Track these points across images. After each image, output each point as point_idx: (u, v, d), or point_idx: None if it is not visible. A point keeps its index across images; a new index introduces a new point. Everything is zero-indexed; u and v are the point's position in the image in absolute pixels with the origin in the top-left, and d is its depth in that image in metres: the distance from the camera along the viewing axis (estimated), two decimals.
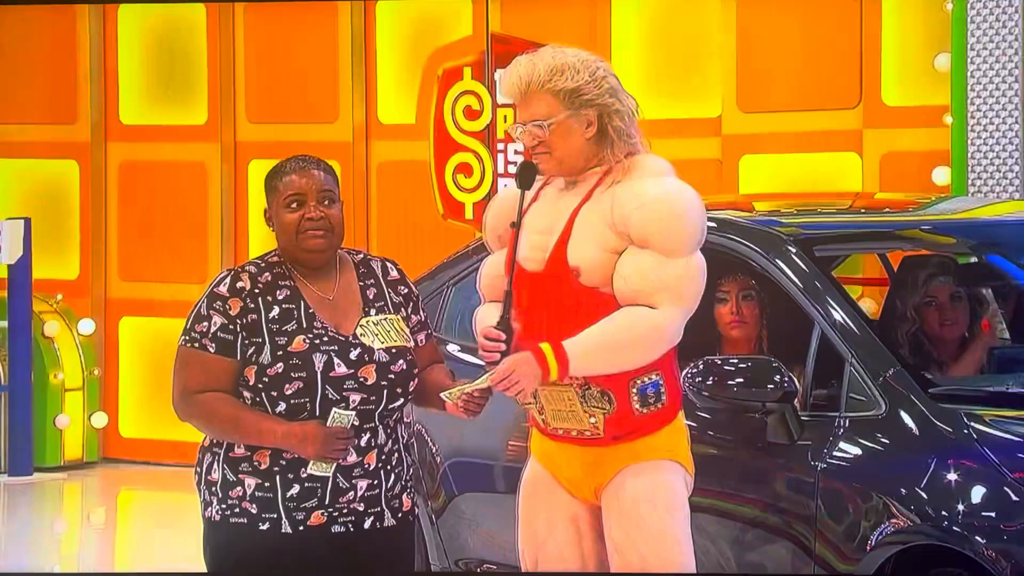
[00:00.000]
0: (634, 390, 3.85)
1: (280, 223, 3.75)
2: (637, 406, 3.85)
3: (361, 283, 3.80)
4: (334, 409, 3.69)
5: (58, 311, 9.10)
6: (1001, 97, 7.13)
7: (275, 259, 3.78)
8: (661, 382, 3.88)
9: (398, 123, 8.70)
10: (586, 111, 3.86)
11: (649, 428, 3.88)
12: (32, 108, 9.39)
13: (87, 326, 9.11)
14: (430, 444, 5.37)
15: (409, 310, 3.84)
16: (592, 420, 3.85)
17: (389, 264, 3.88)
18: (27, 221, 8.78)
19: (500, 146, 8.28)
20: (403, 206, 8.71)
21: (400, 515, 3.79)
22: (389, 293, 3.82)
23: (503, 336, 3.81)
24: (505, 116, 8.26)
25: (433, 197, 8.46)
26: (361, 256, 3.86)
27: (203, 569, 3.79)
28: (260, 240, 8.92)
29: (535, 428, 3.99)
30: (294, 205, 3.75)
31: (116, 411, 9.21)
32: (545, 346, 3.79)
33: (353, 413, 3.70)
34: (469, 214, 8.36)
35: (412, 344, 3.80)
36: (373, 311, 3.77)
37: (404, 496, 3.80)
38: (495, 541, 5.19)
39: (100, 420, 9.09)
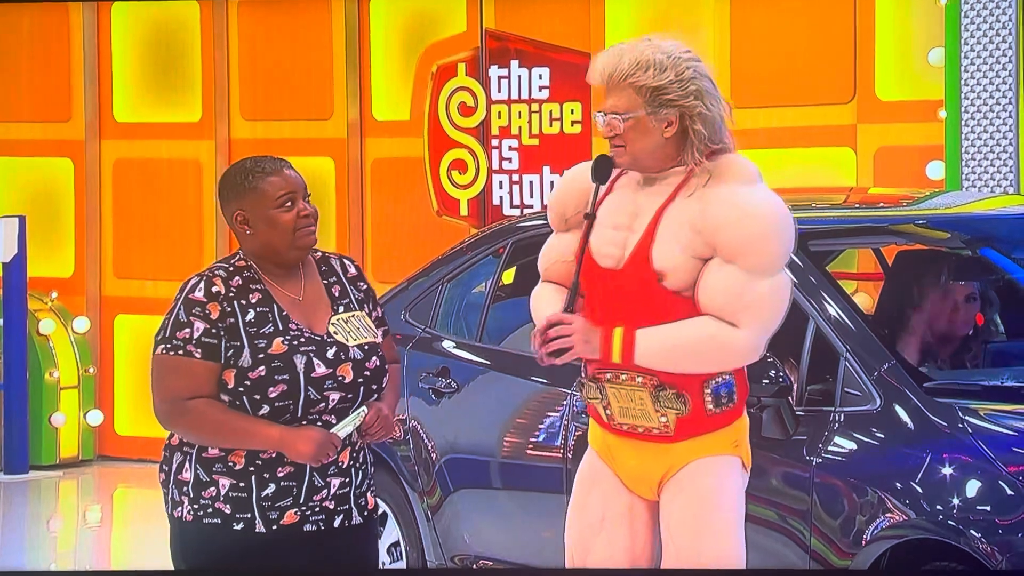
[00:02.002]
0: (708, 391, 3.81)
1: (273, 223, 3.74)
2: (710, 407, 3.82)
3: (325, 281, 3.81)
4: (362, 408, 3.70)
5: (53, 309, 9.09)
6: (995, 92, 7.14)
7: (241, 263, 3.77)
8: (733, 382, 3.84)
9: (392, 120, 8.69)
10: (667, 111, 3.77)
11: (718, 424, 3.85)
12: (26, 106, 9.39)
13: (82, 324, 9.11)
14: (426, 440, 5.37)
15: (370, 306, 3.85)
16: (663, 419, 3.81)
17: (347, 261, 3.88)
18: (22, 219, 8.78)
19: (495, 142, 8.28)
20: (398, 203, 8.71)
21: (366, 513, 3.81)
22: (352, 290, 3.83)
23: (572, 320, 3.74)
24: (499, 112, 8.26)
25: (428, 194, 8.46)
26: (320, 254, 3.85)
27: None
28: None
29: (595, 421, 3.93)
30: (288, 204, 3.74)
31: (112, 409, 9.21)
32: (617, 332, 3.74)
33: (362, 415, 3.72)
34: (464, 210, 8.36)
35: (380, 340, 3.81)
36: (341, 308, 3.78)
37: (369, 495, 3.82)
38: (491, 537, 5.19)
39: (96, 418, 9.09)
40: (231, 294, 3.71)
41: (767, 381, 4.35)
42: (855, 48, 7.58)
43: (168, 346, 3.69)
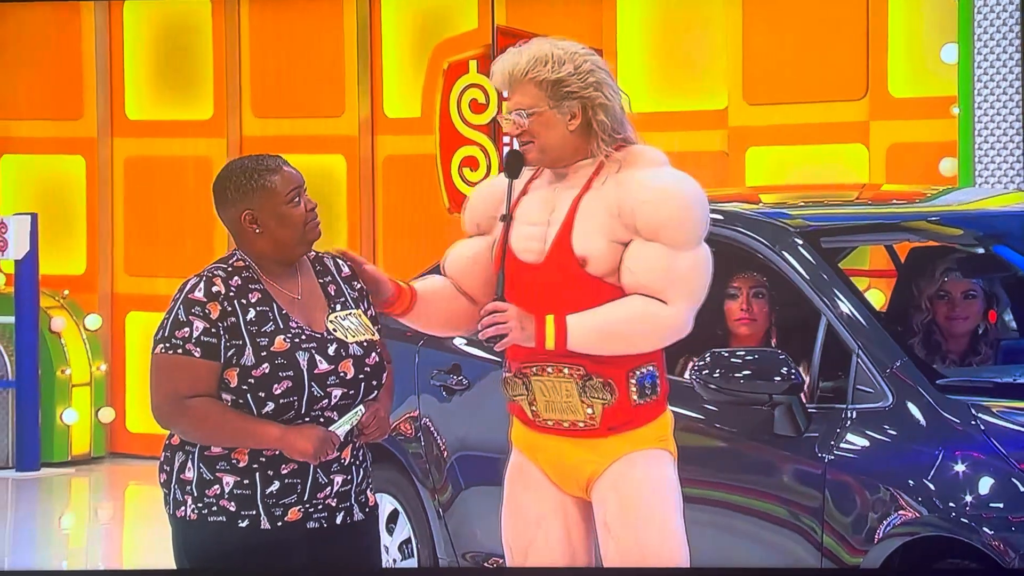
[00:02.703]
0: (632, 381, 3.86)
1: (285, 219, 3.75)
2: (635, 397, 3.87)
3: (320, 280, 3.83)
4: (359, 407, 3.73)
5: (65, 306, 9.10)
6: (1008, 88, 7.12)
7: (239, 263, 3.77)
8: (656, 372, 3.91)
9: (404, 117, 8.70)
10: (569, 103, 3.87)
11: (643, 419, 3.89)
12: (38, 104, 9.40)
13: (94, 321, 9.12)
14: (437, 438, 5.36)
15: (365, 305, 3.87)
16: (589, 411, 3.86)
17: (340, 260, 3.90)
18: (34, 217, 8.79)
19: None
20: (409, 200, 8.71)
21: (367, 510, 3.82)
22: (346, 289, 3.85)
23: (507, 308, 3.81)
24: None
25: (439, 191, 8.46)
26: (313, 254, 3.87)
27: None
28: None
29: (518, 420, 3.98)
30: (296, 200, 3.76)
31: (123, 406, 9.22)
32: (549, 318, 3.80)
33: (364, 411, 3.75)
34: None
35: (377, 337, 3.83)
36: (338, 307, 3.81)
37: (369, 492, 3.84)
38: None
39: (107, 415, 9.10)
40: (231, 293, 3.71)
41: (778, 378, 4.34)
42: (867, 44, 7.57)
43: (167, 345, 3.69)
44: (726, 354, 4.40)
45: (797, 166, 7.80)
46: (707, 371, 4.36)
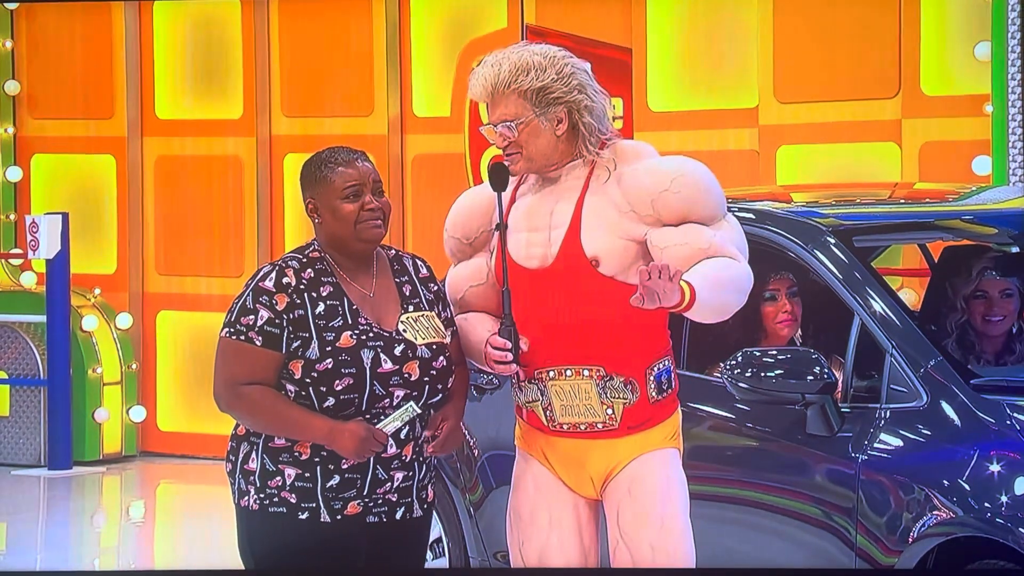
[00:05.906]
0: (651, 377, 3.87)
1: (337, 214, 3.77)
2: (653, 393, 3.88)
3: (397, 280, 3.85)
4: (410, 403, 3.73)
5: (96, 305, 9.13)
6: None
7: (315, 254, 3.80)
8: (671, 367, 3.91)
9: (433, 116, 8.69)
10: (555, 109, 3.85)
11: (659, 416, 3.90)
12: (69, 103, 9.43)
13: (125, 320, 9.15)
14: (468, 437, 5.36)
15: (440, 307, 3.88)
16: (609, 411, 3.86)
17: (419, 262, 3.93)
18: (65, 216, 8.82)
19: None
20: (438, 199, 8.71)
21: (426, 505, 3.87)
22: (423, 291, 3.87)
23: (508, 344, 3.82)
24: None
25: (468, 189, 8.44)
26: (393, 252, 3.90)
27: (238, 561, 3.81)
28: (296, 233, 8.94)
29: (528, 424, 3.97)
30: (352, 196, 3.78)
31: (154, 405, 9.25)
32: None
33: (418, 408, 3.76)
34: None
35: (448, 341, 3.83)
36: (411, 307, 3.82)
37: (429, 487, 3.87)
38: None
39: (138, 414, 9.13)
40: (302, 286, 3.74)
41: (811, 377, 4.33)
42: (900, 42, 7.53)
43: (231, 330, 3.73)
44: (758, 353, 4.39)
45: (829, 165, 7.77)
46: (739, 370, 4.35)
